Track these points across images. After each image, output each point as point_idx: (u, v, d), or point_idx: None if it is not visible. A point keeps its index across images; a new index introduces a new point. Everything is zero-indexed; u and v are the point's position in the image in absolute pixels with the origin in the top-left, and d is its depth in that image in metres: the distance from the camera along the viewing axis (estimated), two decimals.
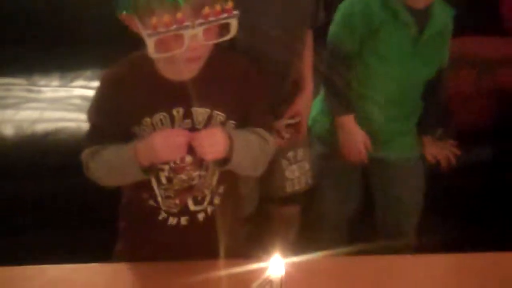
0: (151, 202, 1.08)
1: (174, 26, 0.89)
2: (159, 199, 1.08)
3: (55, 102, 1.67)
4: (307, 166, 1.46)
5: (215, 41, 0.99)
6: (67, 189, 1.54)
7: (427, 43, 1.46)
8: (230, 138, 1.02)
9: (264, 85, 1.18)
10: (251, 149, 1.08)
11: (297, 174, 1.45)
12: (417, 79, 1.52)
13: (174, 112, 1.03)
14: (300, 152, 1.45)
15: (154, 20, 0.88)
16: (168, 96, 1.05)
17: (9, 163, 1.55)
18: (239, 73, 1.12)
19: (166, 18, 0.88)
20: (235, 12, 0.95)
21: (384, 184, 1.58)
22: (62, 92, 1.72)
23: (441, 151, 1.58)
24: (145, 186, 1.07)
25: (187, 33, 0.91)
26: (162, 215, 1.09)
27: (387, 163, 1.55)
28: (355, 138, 1.49)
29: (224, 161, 1.04)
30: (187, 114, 1.04)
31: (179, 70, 1.01)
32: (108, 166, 1.05)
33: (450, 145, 1.58)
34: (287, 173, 1.43)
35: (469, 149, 1.61)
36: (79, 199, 1.54)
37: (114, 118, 1.04)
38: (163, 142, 0.98)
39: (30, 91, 1.73)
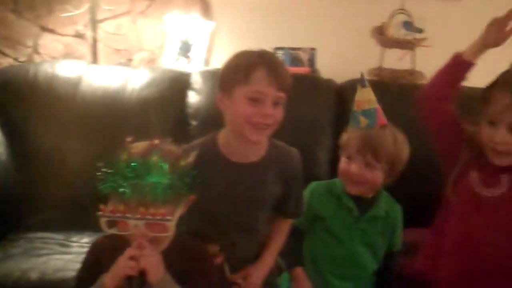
0: None
1: (118, 215, 1.25)
2: None
3: (80, 255, 1.86)
4: None
5: (158, 235, 1.25)
6: None
7: (368, 225, 1.75)
8: (165, 270, 1.27)
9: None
10: None
11: None
12: (363, 252, 1.76)
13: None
14: None
15: (102, 206, 1.24)
16: None
17: None
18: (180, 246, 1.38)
19: (111, 207, 1.23)
20: (169, 217, 1.22)
21: None
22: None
23: None
24: None
25: (130, 222, 1.23)
26: None
27: None
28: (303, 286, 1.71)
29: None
30: None
31: None
32: None
33: None
34: None
35: None
36: None
37: (94, 273, 1.34)
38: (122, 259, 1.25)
39: (63, 245, 2.04)
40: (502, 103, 1.42)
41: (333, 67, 2.70)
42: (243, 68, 1.44)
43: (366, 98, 1.71)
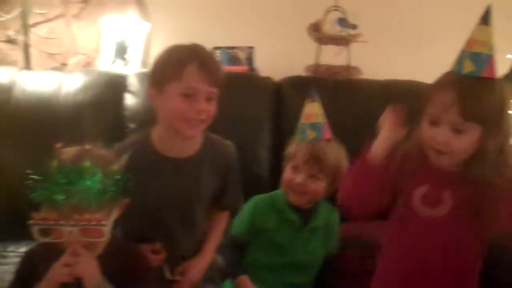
0: None
1: (51, 222, 1.22)
2: None
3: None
4: None
5: (93, 240, 1.23)
6: None
7: (310, 234, 1.80)
8: (101, 275, 1.24)
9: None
10: None
11: None
12: (306, 260, 1.80)
13: None
14: None
15: (35, 214, 1.21)
16: None
17: None
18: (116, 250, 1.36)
19: (43, 214, 1.20)
20: (104, 222, 1.20)
21: None
22: None
23: None
24: None
25: (65, 229, 1.20)
26: None
27: None
28: None
29: None
30: None
31: None
32: None
33: None
34: None
35: None
36: None
37: (28, 284, 1.31)
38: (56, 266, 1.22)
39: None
40: (444, 102, 1.40)
41: (272, 65, 2.72)
42: (175, 63, 1.44)
43: (315, 112, 1.77)
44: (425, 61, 2.41)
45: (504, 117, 1.41)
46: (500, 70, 2.87)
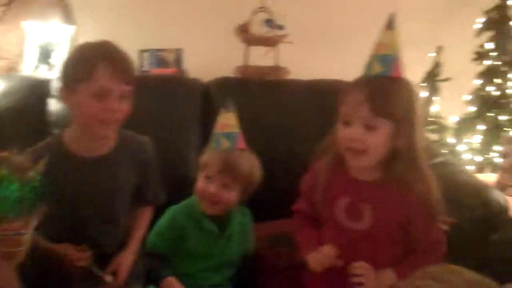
0: None
1: None
2: None
3: None
4: None
5: (13, 250, 1.19)
6: None
7: (227, 241, 1.81)
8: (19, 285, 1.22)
9: None
10: None
11: None
12: (224, 263, 1.83)
13: None
14: None
15: None
16: None
17: None
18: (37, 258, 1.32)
19: None
20: (23, 231, 1.17)
21: None
22: None
23: None
24: None
25: None
26: None
27: None
28: None
29: None
30: None
31: None
32: None
33: None
34: None
35: None
36: None
37: None
38: None
39: None
40: (355, 100, 1.45)
41: (202, 66, 2.72)
42: (85, 63, 1.43)
43: (230, 122, 1.76)
44: (350, 60, 2.44)
45: (414, 113, 1.47)
46: (423, 68, 3.00)
